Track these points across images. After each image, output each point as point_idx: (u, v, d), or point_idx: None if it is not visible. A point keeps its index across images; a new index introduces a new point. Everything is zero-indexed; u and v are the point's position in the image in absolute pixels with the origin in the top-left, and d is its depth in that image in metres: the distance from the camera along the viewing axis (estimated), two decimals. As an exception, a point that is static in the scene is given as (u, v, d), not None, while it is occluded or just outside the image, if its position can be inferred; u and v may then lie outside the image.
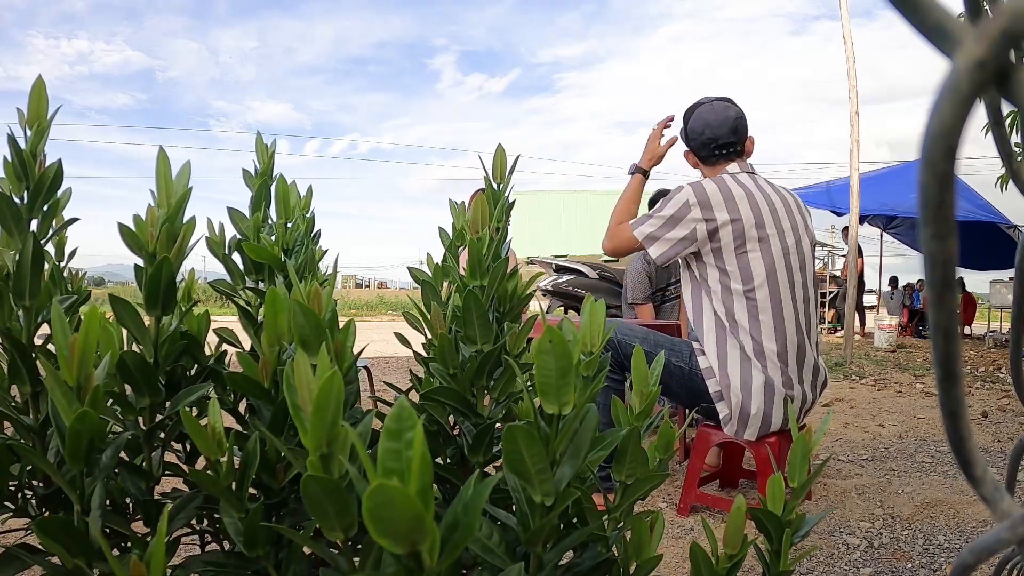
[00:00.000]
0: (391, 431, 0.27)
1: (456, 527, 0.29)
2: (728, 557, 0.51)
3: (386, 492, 0.23)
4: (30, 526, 0.64)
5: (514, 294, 0.60)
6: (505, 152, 0.60)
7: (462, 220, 0.65)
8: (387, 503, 0.24)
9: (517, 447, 0.37)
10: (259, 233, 0.69)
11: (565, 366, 0.37)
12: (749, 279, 1.80)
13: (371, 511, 0.24)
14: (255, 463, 0.53)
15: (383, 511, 0.24)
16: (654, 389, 0.52)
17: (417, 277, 0.67)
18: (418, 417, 0.27)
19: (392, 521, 0.24)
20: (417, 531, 0.25)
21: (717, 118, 1.93)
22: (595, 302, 0.48)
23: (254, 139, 0.75)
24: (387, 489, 0.23)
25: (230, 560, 0.58)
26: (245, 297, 0.71)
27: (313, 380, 0.37)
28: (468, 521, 0.29)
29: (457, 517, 0.29)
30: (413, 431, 0.26)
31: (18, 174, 0.65)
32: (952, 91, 0.15)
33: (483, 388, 0.59)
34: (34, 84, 0.68)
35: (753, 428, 1.83)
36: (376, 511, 0.24)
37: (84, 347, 0.49)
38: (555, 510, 0.40)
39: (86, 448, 0.50)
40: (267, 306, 0.51)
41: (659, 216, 1.88)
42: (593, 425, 0.41)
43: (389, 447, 0.27)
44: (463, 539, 0.28)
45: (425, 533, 0.25)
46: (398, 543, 0.26)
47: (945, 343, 0.19)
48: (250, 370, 0.54)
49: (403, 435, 0.27)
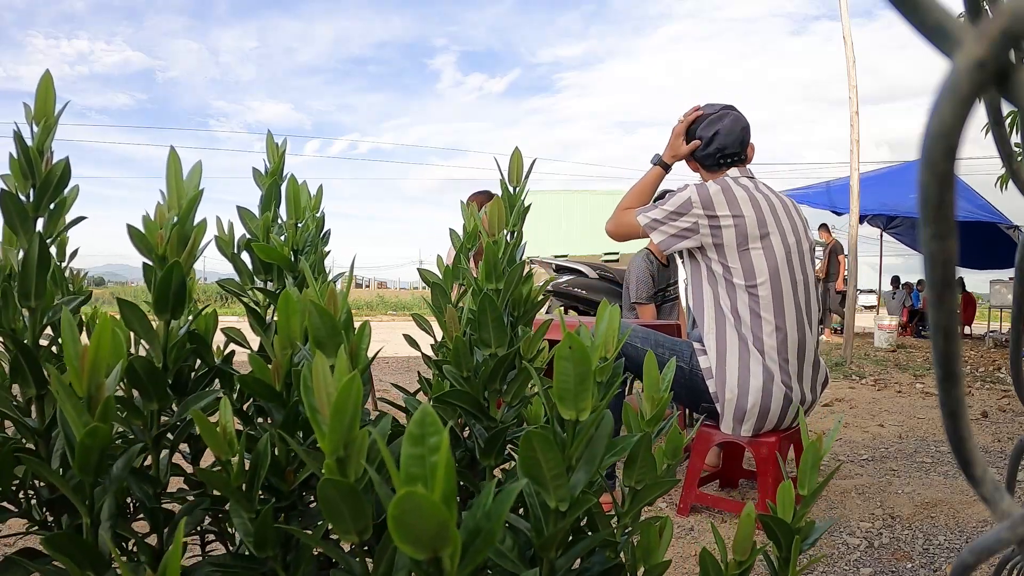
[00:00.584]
0: (414, 436, 0.27)
1: (478, 534, 0.29)
2: (737, 564, 0.51)
3: (413, 499, 0.23)
4: (29, 528, 0.64)
5: (528, 298, 0.60)
6: (522, 155, 0.60)
7: (473, 222, 0.65)
8: (413, 510, 0.24)
9: (534, 452, 0.37)
10: (269, 233, 0.69)
11: (584, 372, 0.37)
12: (752, 276, 1.82)
13: (397, 518, 0.24)
14: (266, 464, 0.53)
15: (409, 518, 0.24)
16: (665, 395, 0.52)
17: (427, 279, 0.67)
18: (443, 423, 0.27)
19: (417, 528, 0.24)
20: (441, 538, 0.25)
21: (727, 129, 1.97)
22: (612, 307, 0.48)
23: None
24: (415, 497, 0.23)
25: (238, 562, 0.58)
26: (253, 297, 0.71)
27: (331, 382, 0.37)
28: (490, 528, 0.29)
29: (479, 524, 0.29)
30: (437, 436, 0.26)
31: (24, 172, 0.64)
32: (952, 91, 0.15)
33: (496, 392, 0.59)
34: (41, 79, 0.67)
35: (749, 424, 1.84)
36: (402, 518, 0.24)
37: (96, 356, 0.48)
38: (569, 516, 0.40)
39: (96, 460, 0.49)
40: (280, 308, 0.51)
41: (662, 208, 1.91)
42: (608, 431, 0.42)
43: (412, 452, 0.27)
44: (485, 546, 0.28)
45: (448, 540, 0.25)
46: (421, 549, 0.26)
47: (945, 343, 0.19)
48: (261, 372, 0.54)
49: (427, 440, 0.27)
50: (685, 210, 1.86)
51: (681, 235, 1.88)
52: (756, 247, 1.82)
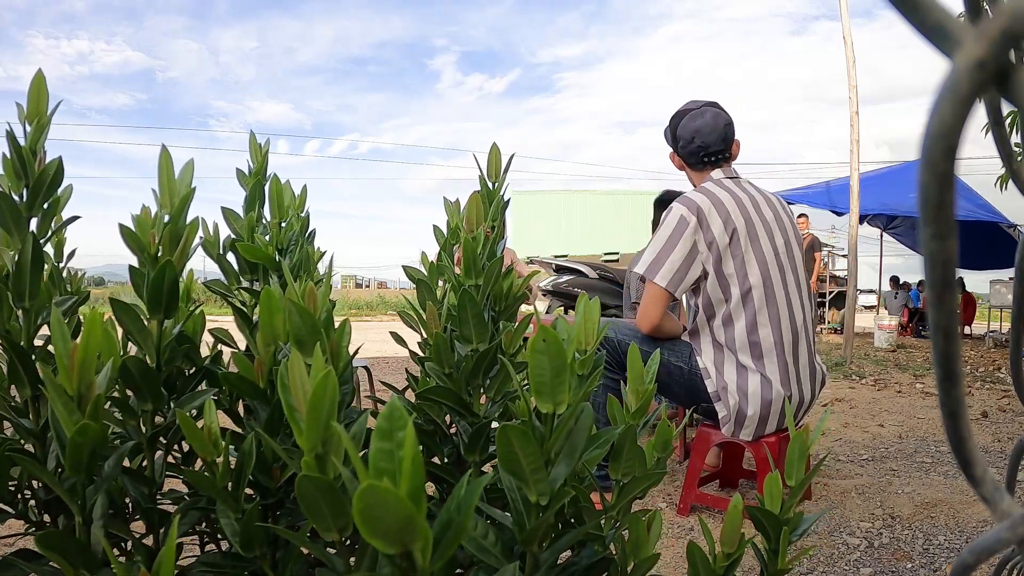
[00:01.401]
0: (383, 431, 0.27)
1: (449, 526, 0.29)
2: (725, 555, 0.51)
3: (376, 493, 0.23)
4: (27, 529, 0.64)
5: (509, 293, 0.59)
6: (500, 151, 0.59)
7: (457, 218, 0.64)
8: (378, 504, 0.23)
9: (511, 447, 0.37)
10: (253, 233, 0.69)
11: (559, 365, 0.37)
12: (745, 280, 1.81)
13: (362, 512, 0.24)
14: (251, 463, 0.53)
15: (374, 512, 0.24)
16: (649, 387, 0.52)
17: (412, 276, 0.67)
18: (412, 416, 0.26)
19: (383, 522, 0.24)
20: (408, 531, 0.25)
21: (707, 126, 1.93)
22: (590, 300, 0.48)
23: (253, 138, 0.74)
24: (377, 490, 0.23)
25: (227, 561, 0.58)
26: (240, 297, 0.70)
27: (307, 380, 0.37)
28: (461, 520, 0.28)
29: (450, 516, 0.29)
30: (404, 431, 0.26)
31: (17, 171, 0.64)
32: (952, 91, 0.15)
33: (479, 387, 0.59)
34: (33, 79, 0.67)
35: (749, 429, 1.84)
36: (367, 512, 0.24)
37: (85, 355, 0.48)
38: (550, 509, 0.39)
39: (87, 458, 0.49)
40: (262, 306, 0.50)
41: (655, 244, 1.86)
42: (588, 424, 0.41)
43: (381, 447, 0.27)
44: (456, 539, 0.28)
45: (417, 533, 0.25)
46: (390, 543, 0.26)
47: (945, 343, 0.19)
48: (246, 370, 0.53)
49: (395, 435, 0.27)
50: (681, 228, 1.82)
51: (684, 267, 1.81)
52: (747, 250, 1.81)
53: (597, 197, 20.57)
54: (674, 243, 1.82)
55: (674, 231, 1.83)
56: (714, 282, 1.83)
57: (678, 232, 1.82)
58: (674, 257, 1.82)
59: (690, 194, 1.88)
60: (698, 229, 1.81)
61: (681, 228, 1.82)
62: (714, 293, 1.84)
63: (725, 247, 1.81)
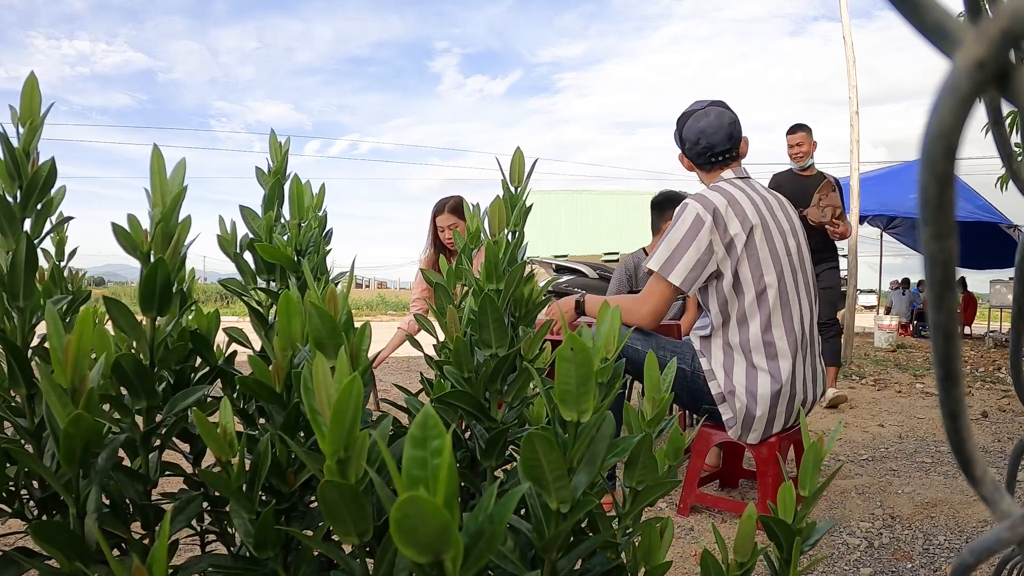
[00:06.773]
0: (416, 439, 0.27)
1: (480, 537, 0.29)
2: (739, 565, 0.51)
3: (416, 503, 0.23)
4: (26, 528, 0.64)
5: (530, 298, 0.59)
6: (524, 155, 0.59)
7: (476, 222, 0.64)
8: (416, 514, 0.24)
9: (535, 453, 0.37)
10: (272, 233, 0.69)
11: (586, 373, 0.37)
12: (760, 280, 1.80)
13: (399, 521, 0.24)
14: (266, 465, 0.53)
15: (411, 521, 0.24)
16: (666, 395, 0.52)
17: (430, 279, 0.67)
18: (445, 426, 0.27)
19: (419, 531, 0.24)
20: (443, 541, 0.25)
21: (712, 126, 1.91)
22: (613, 308, 0.48)
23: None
24: (417, 501, 0.23)
25: (238, 563, 0.58)
26: (256, 297, 0.70)
27: (331, 384, 0.37)
28: (493, 531, 0.28)
29: (481, 527, 0.29)
30: (439, 440, 0.26)
31: (11, 173, 0.64)
32: (952, 91, 0.15)
33: (497, 392, 0.59)
34: (26, 81, 0.67)
35: (757, 432, 1.83)
36: (404, 521, 0.24)
37: (78, 349, 0.48)
38: (571, 518, 0.40)
39: (81, 451, 0.50)
40: (280, 310, 0.50)
41: (669, 241, 1.83)
42: (609, 432, 0.41)
43: (414, 455, 0.27)
44: (487, 549, 0.28)
45: (451, 543, 0.25)
46: (423, 553, 0.26)
47: (945, 343, 0.19)
48: (262, 373, 0.54)
49: (429, 443, 0.27)
50: (697, 227, 1.79)
51: (700, 263, 1.79)
52: (763, 250, 1.80)
53: (597, 197, 20.57)
54: (689, 241, 1.80)
55: (689, 229, 1.80)
56: (730, 282, 1.81)
57: (693, 230, 1.80)
58: (689, 255, 1.80)
59: (705, 192, 1.86)
60: (714, 229, 1.79)
61: (697, 226, 1.80)
62: (729, 293, 1.82)
63: (742, 246, 1.79)
